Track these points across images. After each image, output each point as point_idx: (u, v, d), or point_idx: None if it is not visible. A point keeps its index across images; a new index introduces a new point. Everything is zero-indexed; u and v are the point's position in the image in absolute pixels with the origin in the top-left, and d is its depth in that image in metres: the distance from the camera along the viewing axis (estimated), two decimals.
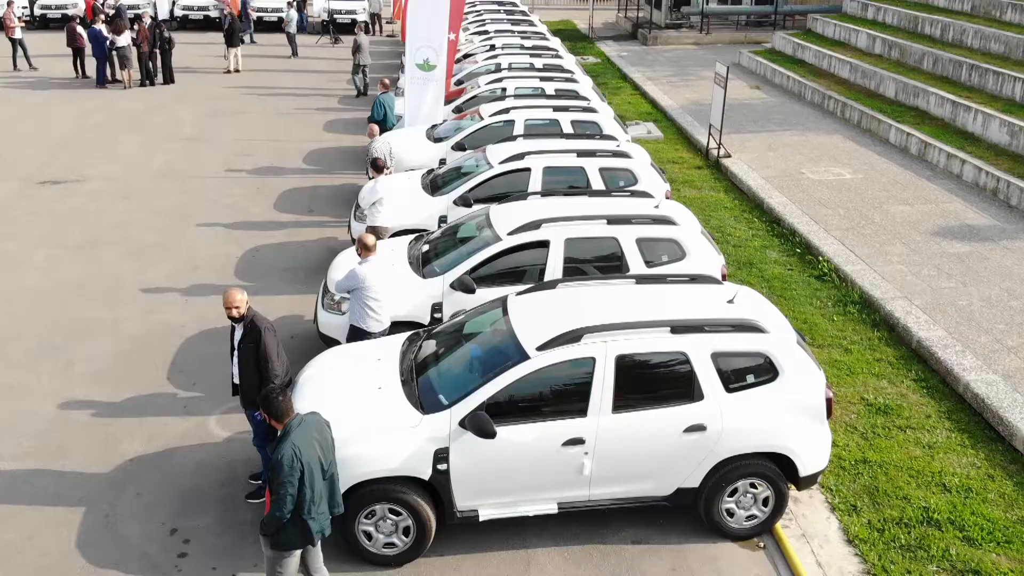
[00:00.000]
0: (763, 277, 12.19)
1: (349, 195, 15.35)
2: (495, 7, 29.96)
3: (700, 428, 6.78)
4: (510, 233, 9.23)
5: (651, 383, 6.81)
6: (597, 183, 11.81)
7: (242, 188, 15.89)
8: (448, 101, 17.10)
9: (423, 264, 9.67)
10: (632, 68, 27.01)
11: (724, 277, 9.44)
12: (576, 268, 9.25)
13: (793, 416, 6.92)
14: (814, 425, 7.01)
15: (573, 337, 6.69)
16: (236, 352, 7.23)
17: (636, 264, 9.22)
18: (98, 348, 10.19)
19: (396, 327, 8.92)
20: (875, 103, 19.83)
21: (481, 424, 6.42)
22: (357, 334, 8.53)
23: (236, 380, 7.32)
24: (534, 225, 9.23)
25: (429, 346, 7.59)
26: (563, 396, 6.75)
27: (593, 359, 6.68)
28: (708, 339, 6.82)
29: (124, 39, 23.41)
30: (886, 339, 10.53)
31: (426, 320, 9.07)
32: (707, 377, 6.78)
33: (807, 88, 22.30)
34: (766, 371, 6.92)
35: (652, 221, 9.41)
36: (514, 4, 31.50)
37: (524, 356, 6.68)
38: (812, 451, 7.03)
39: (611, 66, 27.83)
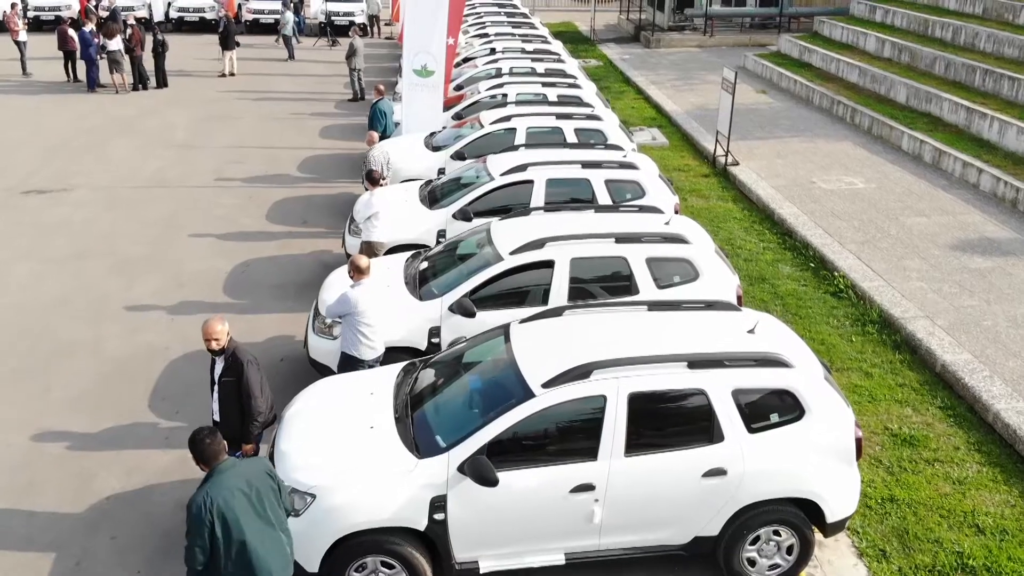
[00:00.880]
0: (776, 293, 11.66)
1: (344, 205, 14.80)
2: (495, 9, 29.43)
3: (720, 472, 6.24)
4: (512, 252, 8.69)
5: (667, 423, 6.28)
6: (603, 196, 11.29)
7: (234, 197, 15.36)
8: (447, 107, 16.57)
9: (420, 284, 9.14)
10: (635, 71, 26.47)
11: (739, 299, 8.91)
12: (582, 289, 8.71)
13: (820, 458, 6.38)
14: (842, 467, 6.47)
15: (582, 373, 6.16)
16: (216, 387, 6.70)
17: (646, 285, 8.69)
18: (77, 371, 9.65)
19: (391, 352, 8.40)
20: (886, 109, 19.29)
21: (481, 470, 5.88)
22: (349, 361, 8.01)
23: (216, 417, 6.79)
24: (538, 244, 8.69)
25: (426, 378, 7.05)
26: (571, 438, 6.22)
27: (604, 397, 6.14)
28: (728, 375, 6.28)
29: (115, 43, 22.85)
30: (908, 362, 9.99)
31: (423, 346, 8.53)
32: (728, 416, 6.25)
33: (815, 93, 21.77)
34: (791, 409, 6.38)
35: (663, 239, 8.88)
36: (515, 6, 30.97)
37: (528, 394, 6.14)
38: (840, 495, 6.49)
39: (613, 69, 27.30)
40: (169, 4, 33.47)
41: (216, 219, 14.28)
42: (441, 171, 13.67)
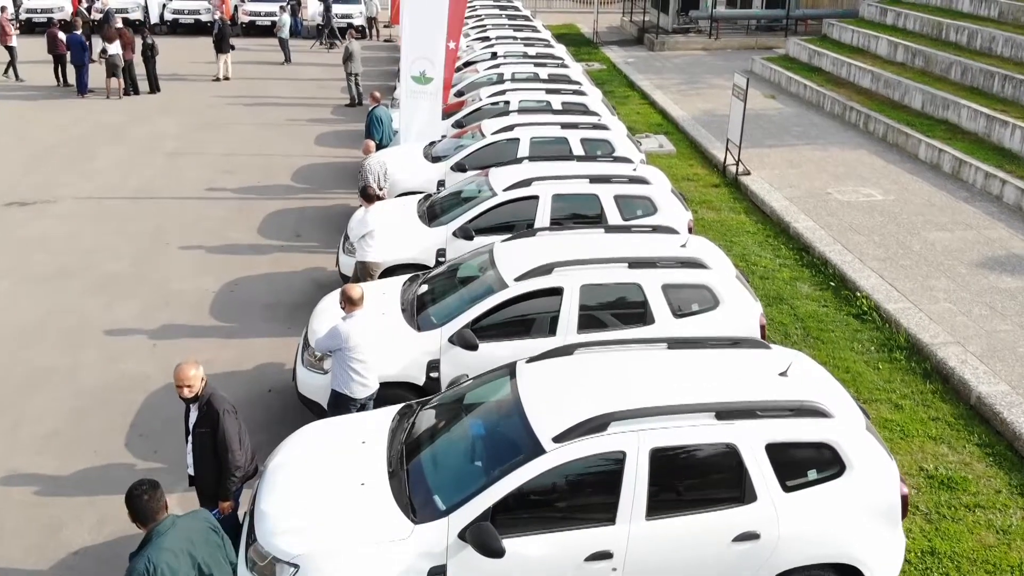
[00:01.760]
0: (795, 315, 11.01)
1: (340, 217, 14.14)
2: (496, 12, 28.78)
3: (753, 536, 5.59)
4: (518, 279, 8.04)
5: (693, 482, 5.63)
6: (612, 213, 10.64)
7: (224, 209, 14.70)
8: (447, 114, 15.92)
9: (418, 311, 8.49)
10: (640, 75, 25.81)
11: (763, 328, 8.26)
12: (593, 318, 8.07)
13: (862, 518, 5.73)
14: (886, 528, 5.82)
15: (598, 426, 5.50)
16: (190, 437, 6.04)
17: (662, 314, 8.03)
18: (50, 404, 8.99)
19: (386, 387, 7.75)
20: (901, 115, 18.64)
21: (485, 539, 5.23)
22: (339, 400, 7.36)
23: (191, 471, 6.13)
24: (545, 270, 8.04)
25: (423, 423, 6.40)
26: (586, 499, 5.58)
27: (623, 454, 5.49)
28: (761, 427, 5.63)
29: (115, 47, 22.17)
30: (940, 393, 9.34)
31: (421, 380, 7.87)
32: (760, 474, 5.60)
33: (826, 98, 21.12)
34: (831, 465, 5.73)
35: (680, 264, 8.22)
36: (516, 8, 30.32)
37: (538, 449, 5.49)
38: (884, 559, 5.84)
39: (617, 73, 26.65)
40: (164, 6, 32.81)
41: (205, 233, 13.62)
42: (441, 184, 13.03)
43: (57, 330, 10.51)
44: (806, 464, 5.69)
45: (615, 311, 8.09)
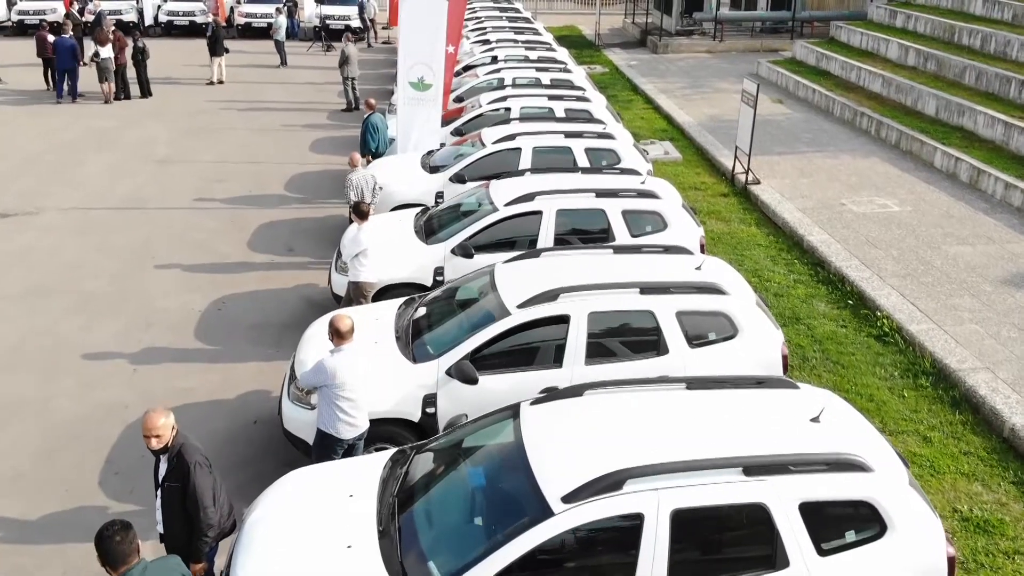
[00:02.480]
0: (813, 336, 10.43)
1: (334, 229, 13.56)
2: (497, 13, 28.19)
3: None
4: (521, 306, 7.46)
5: (719, 547, 5.06)
6: (620, 229, 10.06)
7: (214, 220, 14.12)
8: (446, 120, 15.34)
9: (414, 338, 7.91)
10: (643, 79, 25.23)
11: (785, 359, 7.68)
12: (602, 347, 7.49)
13: None
14: None
15: (612, 484, 4.93)
16: (159, 492, 5.46)
17: (677, 344, 7.45)
18: (20, 439, 8.40)
19: (380, 424, 7.18)
20: (914, 122, 18.06)
21: None
22: (325, 441, 6.79)
23: (161, 529, 5.55)
24: (550, 296, 7.46)
25: (417, 474, 5.82)
26: (600, 567, 4.99)
27: (641, 516, 4.90)
28: (794, 484, 5.06)
29: (107, 51, 21.57)
30: (971, 424, 8.76)
31: (416, 417, 7.28)
32: (794, 537, 5.01)
33: (835, 103, 20.54)
34: (870, 524, 5.15)
35: (696, 290, 7.63)
36: (517, 10, 29.73)
37: (546, 511, 4.90)
38: None
39: (620, 76, 26.06)
40: (158, 7, 32.21)
41: (193, 246, 13.04)
42: (439, 195, 12.45)
43: (31, 354, 9.93)
44: (843, 524, 5.11)
45: (626, 340, 7.51)
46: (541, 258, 8.46)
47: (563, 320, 7.41)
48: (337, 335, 6.65)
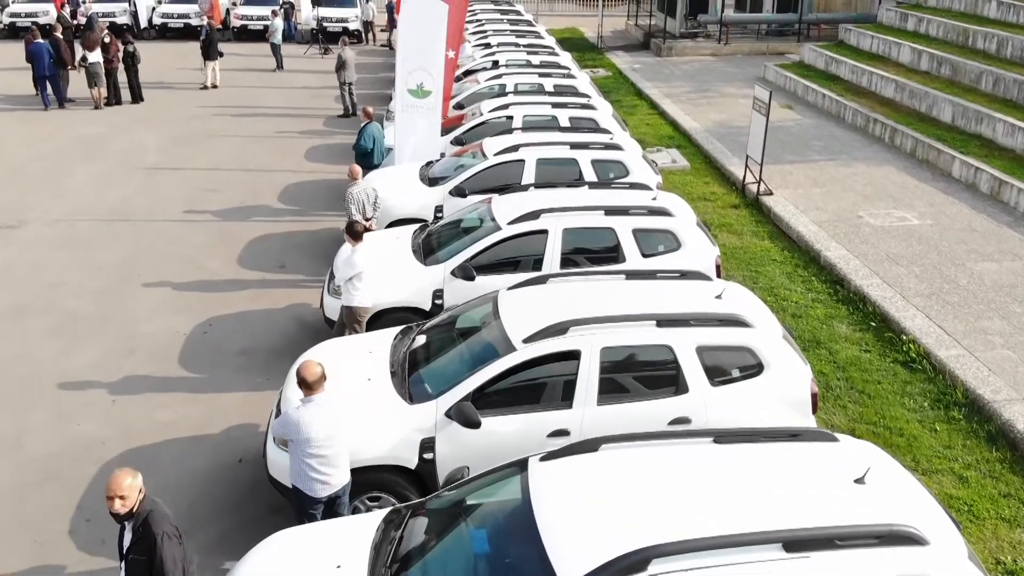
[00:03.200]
0: (835, 362, 9.83)
1: (328, 243, 12.98)
2: (498, 16, 27.58)
3: None
4: (527, 340, 6.85)
5: None
6: (630, 248, 9.47)
7: (203, 234, 13.52)
8: (446, 129, 14.73)
9: (410, 371, 7.30)
10: (647, 83, 24.63)
11: (815, 397, 7.07)
12: (615, 385, 6.88)
13: None
14: None
15: (636, 564, 4.32)
16: (123, 564, 4.86)
17: (697, 382, 6.85)
18: None
19: (369, 472, 6.59)
20: (930, 129, 17.46)
21: None
22: (300, 498, 6.20)
23: None
24: (559, 329, 6.85)
25: (413, 539, 5.21)
26: None
27: None
28: (842, 561, 4.44)
29: (96, 55, 20.95)
30: (1009, 462, 8.15)
31: (412, 463, 6.67)
32: None
33: (847, 109, 19.94)
34: None
35: (718, 323, 7.03)
36: (518, 12, 29.11)
37: None
38: None
39: (624, 80, 25.46)
40: (153, 10, 31.61)
41: (180, 262, 12.43)
42: (439, 210, 11.85)
43: (5, 383, 9.33)
44: None
45: (642, 378, 6.91)
46: (548, 285, 7.85)
47: (573, 356, 6.81)
48: (304, 385, 6.03)
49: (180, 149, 17.99)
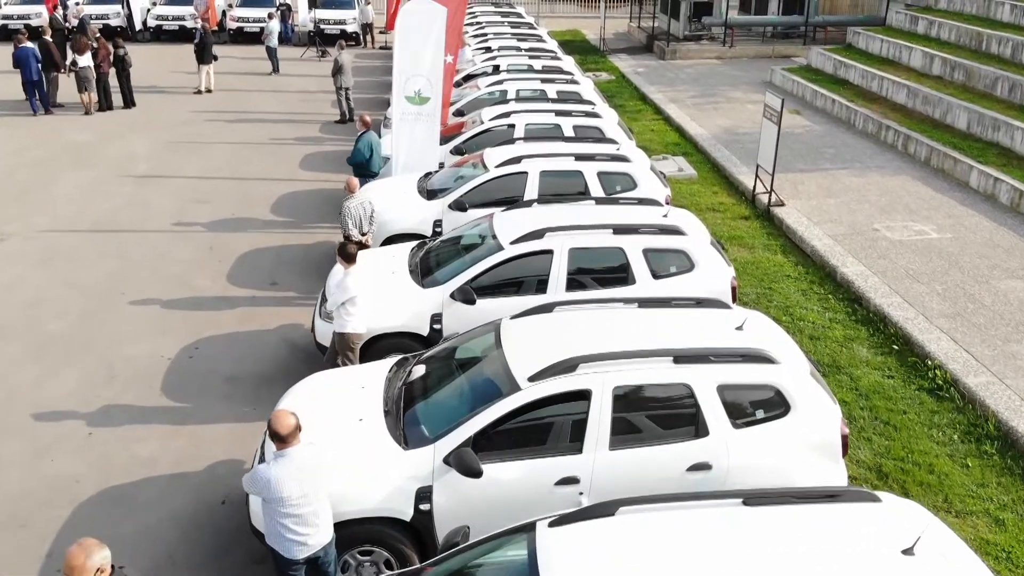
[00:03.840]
0: (857, 389, 9.28)
1: (322, 257, 12.43)
2: (498, 19, 27.02)
3: None
4: (533, 378, 6.30)
5: None
6: (641, 269, 8.94)
7: (192, 247, 12.96)
8: (445, 137, 14.18)
9: (405, 409, 6.75)
10: (651, 87, 24.08)
11: (845, 438, 6.52)
12: (629, 426, 6.33)
13: None
14: None
15: None
16: None
17: (718, 424, 6.30)
18: None
19: (362, 524, 6.04)
20: (944, 136, 16.90)
21: None
22: (278, 560, 5.64)
23: None
24: (567, 367, 6.30)
25: None
26: None
27: None
28: None
29: (86, 59, 20.38)
30: None
31: (407, 515, 6.10)
32: None
33: (857, 115, 19.37)
34: None
35: (741, 359, 6.47)
36: (519, 15, 28.55)
37: None
38: None
39: (627, 84, 24.91)
40: (147, 12, 31.04)
41: (167, 279, 11.88)
42: (437, 224, 11.31)
43: None
44: None
45: (658, 419, 6.36)
46: (555, 314, 7.29)
47: (583, 396, 6.25)
48: (277, 439, 5.45)
49: (172, 156, 17.44)
